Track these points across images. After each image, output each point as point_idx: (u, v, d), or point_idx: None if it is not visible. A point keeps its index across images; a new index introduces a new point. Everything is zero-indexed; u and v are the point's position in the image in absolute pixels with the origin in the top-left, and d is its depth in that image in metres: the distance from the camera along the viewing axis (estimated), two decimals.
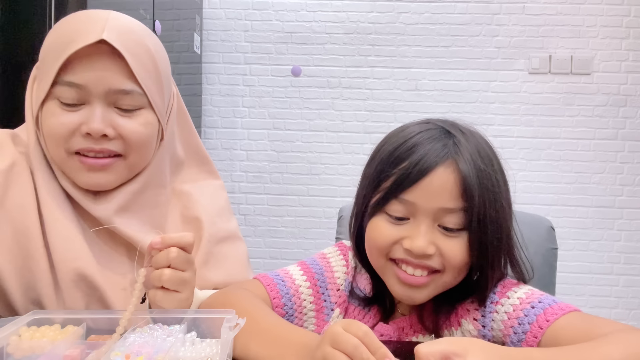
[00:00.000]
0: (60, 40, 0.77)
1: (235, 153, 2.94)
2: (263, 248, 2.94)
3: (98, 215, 0.81)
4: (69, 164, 0.80)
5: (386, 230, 0.73)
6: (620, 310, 2.82)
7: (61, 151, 0.79)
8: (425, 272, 0.73)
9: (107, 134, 0.78)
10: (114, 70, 0.77)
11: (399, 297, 0.77)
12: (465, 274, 0.75)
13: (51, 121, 0.78)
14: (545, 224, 1.16)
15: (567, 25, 2.81)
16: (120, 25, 0.79)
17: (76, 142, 0.78)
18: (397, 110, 2.87)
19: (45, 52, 0.80)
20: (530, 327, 0.69)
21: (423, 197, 0.70)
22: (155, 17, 2.11)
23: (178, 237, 0.71)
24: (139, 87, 0.80)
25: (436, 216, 0.71)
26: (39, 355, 0.57)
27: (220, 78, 2.93)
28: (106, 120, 0.78)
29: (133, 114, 0.81)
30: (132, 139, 0.80)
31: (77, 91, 0.77)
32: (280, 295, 0.79)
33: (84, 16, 0.80)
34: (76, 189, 0.82)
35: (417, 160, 0.70)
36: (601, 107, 2.81)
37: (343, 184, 2.88)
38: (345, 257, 0.87)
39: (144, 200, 0.87)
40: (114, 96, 0.78)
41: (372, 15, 2.87)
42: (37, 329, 0.63)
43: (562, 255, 1.28)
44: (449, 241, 0.71)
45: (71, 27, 0.78)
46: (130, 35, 0.79)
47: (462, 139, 0.72)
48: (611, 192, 2.82)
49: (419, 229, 0.71)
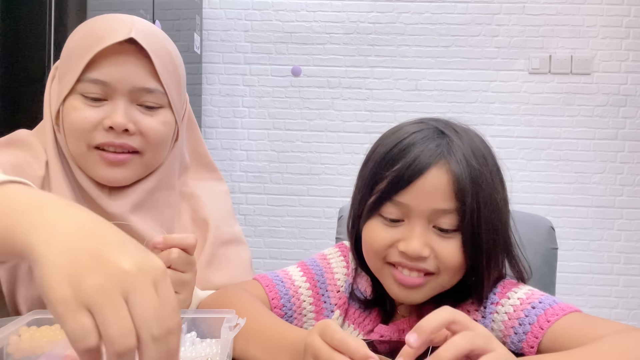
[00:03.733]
0: (88, 38, 0.80)
1: (235, 153, 2.94)
2: (263, 248, 2.94)
3: (112, 211, 0.83)
4: (89, 158, 0.82)
5: (381, 234, 0.73)
6: (620, 310, 2.82)
7: (82, 145, 0.81)
8: (422, 274, 0.73)
9: (129, 129, 0.80)
10: (139, 69, 0.80)
11: (397, 298, 0.77)
12: (462, 274, 0.75)
13: (74, 115, 0.80)
14: (545, 224, 1.16)
15: (567, 25, 2.81)
16: (145, 28, 0.82)
17: (98, 136, 0.80)
18: (397, 110, 2.87)
19: (71, 49, 0.82)
20: (530, 327, 0.69)
21: (416, 198, 0.70)
22: (155, 17, 2.11)
23: (180, 238, 0.71)
24: (161, 86, 0.82)
25: (430, 217, 0.71)
26: (39, 355, 0.57)
27: (220, 78, 2.93)
28: (128, 115, 0.80)
29: (154, 112, 0.83)
30: (151, 135, 0.83)
31: (102, 88, 0.79)
32: (279, 296, 0.79)
33: (111, 17, 0.83)
34: (92, 184, 0.83)
35: (409, 162, 0.70)
36: (601, 107, 2.81)
37: (343, 184, 2.87)
38: (346, 258, 0.87)
39: (156, 199, 0.89)
40: (137, 94, 0.81)
41: (372, 15, 2.87)
42: (37, 329, 0.63)
43: (562, 255, 1.28)
44: (443, 242, 0.71)
45: (98, 27, 0.81)
46: (154, 38, 0.82)
47: (455, 139, 0.72)
48: (611, 192, 2.82)
49: (413, 231, 0.71)
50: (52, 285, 0.38)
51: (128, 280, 0.38)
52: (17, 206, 0.45)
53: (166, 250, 0.71)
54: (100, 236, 0.41)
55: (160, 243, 0.71)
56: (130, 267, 0.38)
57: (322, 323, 0.54)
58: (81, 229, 0.41)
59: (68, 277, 0.38)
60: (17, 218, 0.43)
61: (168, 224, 0.90)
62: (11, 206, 0.45)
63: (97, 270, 0.38)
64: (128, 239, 0.42)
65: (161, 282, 0.40)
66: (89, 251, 0.39)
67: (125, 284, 0.38)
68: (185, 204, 0.95)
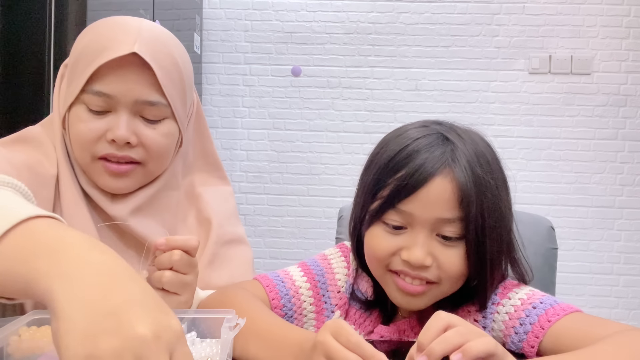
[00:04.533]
0: (93, 47, 0.80)
1: (235, 153, 2.94)
2: (263, 248, 2.94)
3: (113, 214, 0.84)
4: (93, 168, 0.83)
5: (384, 241, 0.73)
6: (620, 310, 2.82)
7: (86, 155, 0.82)
8: (424, 282, 0.72)
9: (131, 142, 0.81)
10: (143, 82, 0.80)
11: (399, 304, 0.77)
12: (464, 281, 0.75)
13: (79, 126, 0.81)
14: (545, 224, 1.16)
15: (567, 25, 2.81)
16: (151, 37, 0.81)
17: (101, 147, 0.81)
18: (397, 110, 2.86)
19: (78, 54, 0.82)
20: (531, 327, 0.69)
21: (420, 207, 0.69)
22: (155, 17, 2.11)
23: (183, 240, 0.71)
24: (164, 99, 0.82)
25: (434, 226, 0.70)
26: (39, 355, 0.57)
27: (220, 78, 2.93)
28: (130, 128, 0.81)
29: (156, 124, 0.84)
30: (153, 148, 0.83)
31: (105, 100, 0.80)
32: (280, 297, 0.79)
33: (119, 23, 0.83)
34: (95, 189, 0.85)
35: (413, 170, 0.69)
36: (601, 107, 2.81)
37: (343, 184, 2.87)
38: (347, 258, 0.86)
39: (158, 202, 0.89)
40: (140, 106, 0.81)
41: (372, 15, 2.87)
42: (37, 329, 0.63)
43: (562, 255, 1.28)
44: (446, 251, 0.71)
45: (104, 35, 0.81)
46: (160, 47, 0.82)
47: (460, 145, 0.71)
48: (611, 192, 2.82)
49: (416, 240, 0.70)
50: (68, 343, 0.38)
51: (143, 346, 0.38)
52: (42, 247, 0.45)
53: (168, 252, 0.71)
54: (120, 291, 0.41)
55: (163, 245, 0.71)
56: (146, 332, 0.38)
57: (335, 323, 0.54)
58: (102, 281, 0.42)
59: (84, 337, 0.38)
60: (41, 260, 0.44)
61: (171, 225, 0.90)
62: (37, 246, 0.46)
63: (114, 332, 0.38)
64: (149, 293, 0.42)
65: (177, 349, 0.40)
66: (107, 309, 0.39)
67: (140, 351, 0.38)
68: (191, 205, 0.95)
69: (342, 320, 0.56)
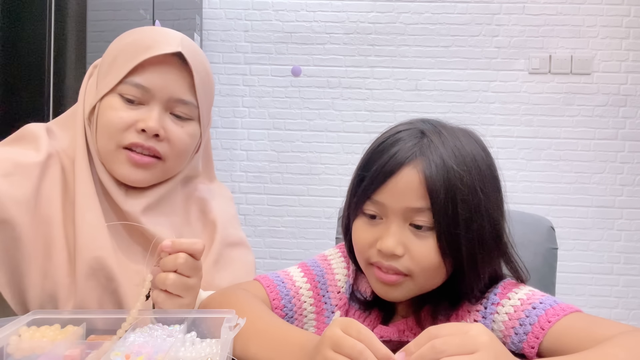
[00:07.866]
0: (137, 44, 0.86)
1: (235, 153, 2.94)
2: (263, 248, 2.94)
3: (126, 209, 0.87)
4: (116, 156, 0.86)
5: (363, 233, 0.75)
6: (620, 310, 2.82)
7: (112, 143, 0.85)
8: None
9: (159, 134, 0.85)
10: (180, 81, 0.87)
11: (379, 294, 0.78)
12: (444, 276, 0.75)
13: (110, 114, 0.85)
14: (545, 224, 1.16)
15: (567, 25, 2.81)
16: (190, 45, 0.89)
17: (129, 136, 0.85)
18: (397, 110, 2.87)
19: (118, 51, 0.87)
20: (531, 327, 0.69)
21: (390, 197, 0.72)
22: (155, 17, 2.11)
23: (188, 244, 0.72)
24: (195, 100, 0.89)
25: (405, 216, 0.72)
26: (39, 355, 0.57)
27: (220, 78, 2.93)
28: (161, 122, 0.86)
29: (183, 123, 0.89)
30: (177, 144, 0.88)
31: (142, 92, 0.85)
32: (280, 297, 0.79)
33: (161, 30, 0.91)
34: (112, 182, 0.87)
35: (385, 162, 0.72)
36: (601, 107, 2.81)
37: (343, 184, 2.87)
38: (346, 259, 0.87)
39: (168, 203, 0.93)
40: (173, 103, 0.87)
41: (372, 15, 2.87)
42: (37, 329, 0.63)
43: (562, 255, 1.28)
44: (418, 242, 0.71)
45: (148, 36, 0.87)
46: (197, 56, 0.89)
47: (435, 139, 0.73)
48: (611, 192, 2.82)
49: (389, 229, 0.72)
50: None
51: None
52: None
53: (173, 255, 0.71)
54: None
55: (169, 247, 0.71)
56: None
57: (345, 319, 0.55)
58: None
59: None
60: None
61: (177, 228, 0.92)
62: None
63: None
64: None
65: None
66: None
67: None
68: (195, 207, 0.98)
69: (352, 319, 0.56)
